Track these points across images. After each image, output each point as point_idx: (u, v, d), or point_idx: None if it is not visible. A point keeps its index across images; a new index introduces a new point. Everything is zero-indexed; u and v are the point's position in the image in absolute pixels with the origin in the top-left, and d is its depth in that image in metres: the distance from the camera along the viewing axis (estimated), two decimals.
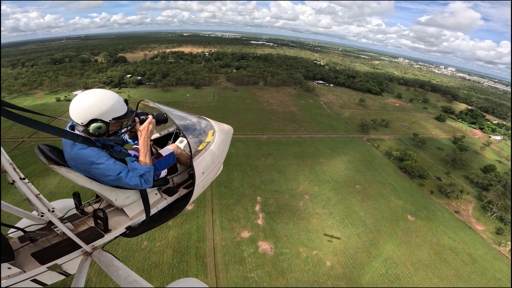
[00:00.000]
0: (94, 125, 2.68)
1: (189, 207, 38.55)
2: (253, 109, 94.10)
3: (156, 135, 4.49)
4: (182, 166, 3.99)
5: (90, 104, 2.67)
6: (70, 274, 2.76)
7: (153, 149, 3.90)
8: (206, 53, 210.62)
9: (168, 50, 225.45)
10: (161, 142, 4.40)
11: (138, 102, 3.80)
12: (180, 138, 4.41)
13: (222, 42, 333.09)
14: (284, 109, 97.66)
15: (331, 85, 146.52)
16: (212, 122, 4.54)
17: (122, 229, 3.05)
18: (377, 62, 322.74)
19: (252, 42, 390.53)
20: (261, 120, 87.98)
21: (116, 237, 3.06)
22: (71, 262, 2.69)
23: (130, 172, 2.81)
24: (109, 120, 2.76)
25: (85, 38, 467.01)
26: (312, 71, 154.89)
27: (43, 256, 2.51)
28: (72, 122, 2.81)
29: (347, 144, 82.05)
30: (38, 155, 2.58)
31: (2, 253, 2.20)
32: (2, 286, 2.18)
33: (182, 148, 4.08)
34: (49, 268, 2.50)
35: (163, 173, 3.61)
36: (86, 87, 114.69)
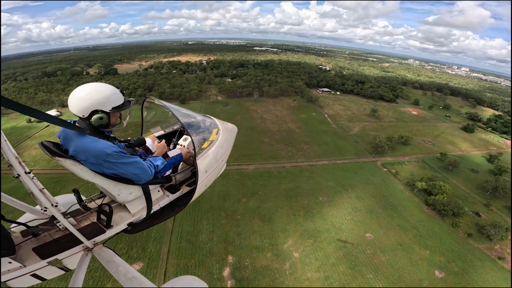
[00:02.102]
0: (96, 116, 2.75)
1: (136, 266, 37.14)
2: (242, 128, 79.05)
3: (160, 132, 4.66)
4: (185, 164, 4.01)
5: (88, 96, 2.71)
6: (70, 269, 2.73)
7: None
8: (203, 62, 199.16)
9: (164, 60, 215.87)
10: (166, 139, 4.39)
11: (143, 100, 4.09)
12: (184, 136, 4.49)
13: (224, 50, 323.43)
14: (280, 126, 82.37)
15: (338, 92, 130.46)
16: (217, 120, 4.55)
17: (124, 225, 3.04)
18: (387, 64, 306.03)
19: (255, 48, 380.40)
20: (249, 143, 72.96)
21: (118, 233, 3.05)
22: (72, 258, 2.68)
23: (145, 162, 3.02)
24: (109, 110, 2.82)
25: (93, 48, 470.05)
26: (316, 78, 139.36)
27: (44, 251, 2.52)
28: (71, 120, 2.87)
29: (356, 173, 66.02)
30: (43, 150, 2.59)
31: (3, 247, 2.22)
32: (2, 280, 2.21)
33: (186, 145, 4.23)
34: (50, 263, 2.50)
35: (168, 172, 3.69)
36: (63, 105, 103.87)
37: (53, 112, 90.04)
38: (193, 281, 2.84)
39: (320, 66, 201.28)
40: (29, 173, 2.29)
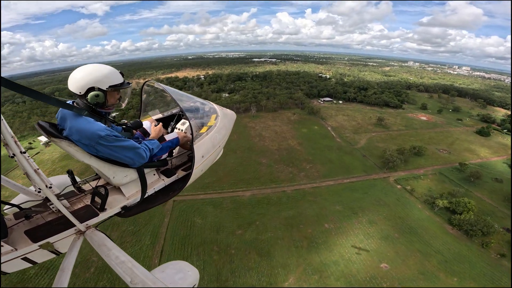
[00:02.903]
0: (92, 93, 2.71)
1: None
2: (238, 149, 73.44)
3: (159, 116, 4.63)
4: (182, 148, 3.99)
5: (86, 73, 2.71)
6: (61, 253, 2.69)
7: None
8: (201, 77, 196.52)
9: (162, 77, 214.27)
10: (164, 122, 4.39)
11: (143, 84, 4.13)
12: (183, 120, 4.45)
13: (222, 63, 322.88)
14: (279, 144, 76.36)
15: (340, 101, 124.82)
16: (216, 106, 4.48)
17: (117, 209, 2.99)
18: (387, 68, 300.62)
19: (254, 60, 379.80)
20: (246, 166, 67.04)
21: (111, 217, 3.00)
22: (63, 241, 2.62)
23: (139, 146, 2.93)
24: (106, 88, 2.78)
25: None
26: (316, 87, 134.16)
27: (36, 234, 2.48)
28: (70, 101, 2.88)
29: (366, 193, 59.43)
30: (39, 130, 2.56)
31: None
32: None
33: (184, 130, 4.19)
34: (41, 247, 2.46)
35: (164, 156, 3.63)
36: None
37: (42, 139, 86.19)
38: (184, 266, 2.80)
39: (320, 75, 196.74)
40: (24, 152, 2.30)
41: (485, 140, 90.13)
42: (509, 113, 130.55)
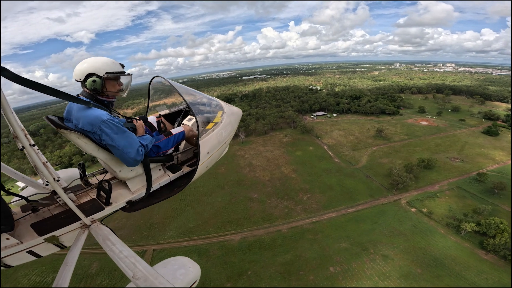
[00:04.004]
0: (89, 79, 2.83)
1: None
2: (226, 184, 65.29)
3: (165, 111, 4.65)
4: (188, 144, 4.04)
5: (87, 61, 2.87)
6: (66, 247, 2.69)
7: (162, 124, 4.17)
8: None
9: (150, 104, 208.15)
10: (171, 118, 4.55)
11: (151, 79, 4.13)
12: (189, 116, 4.49)
13: (212, 84, 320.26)
14: (272, 173, 68.26)
15: (334, 114, 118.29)
16: (222, 103, 4.49)
17: (122, 203, 3.02)
18: (376, 73, 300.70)
19: (244, 78, 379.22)
20: (235, 204, 58.76)
21: (116, 211, 3.03)
22: (69, 234, 2.63)
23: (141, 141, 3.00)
24: (103, 75, 2.87)
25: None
26: (308, 101, 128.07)
27: (42, 227, 2.50)
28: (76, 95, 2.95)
29: (376, 223, 51.37)
30: (48, 123, 2.66)
31: (2, 223, 2.21)
32: None
33: (190, 125, 4.18)
34: (46, 240, 2.47)
35: (170, 150, 3.63)
36: (35, 173, 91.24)
37: (20, 184, 77.39)
38: (186, 262, 2.86)
39: (311, 87, 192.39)
40: (33, 145, 2.40)
41: (495, 141, 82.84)
42: (510, 106, 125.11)
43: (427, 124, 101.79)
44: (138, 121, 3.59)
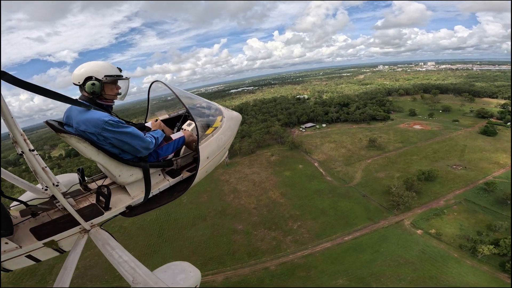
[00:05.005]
0: (88, 82, 2.84)
1: None
2: (208, 215, 58.12)
3: (165, 116, 4.66)
4: (188, 149, 4.04)
5: (84, 67, 2.89)
6: (65, 251, 2.68)
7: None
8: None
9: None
10: (170, 123, 4.51)
11: (151, 83, 4.13)
12: (189, 121, 4.43)
13: None
14: (258, 199, 61.19)
15: (324, 125, 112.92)
16: (222, 107, 4.48)
17: (122, 208, 3.02)
18: (361, 76, 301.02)
19: (232, 91, 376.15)
20: (218, 237, 51.71)
21: (115, 216, 3.02)
22: (68, 239, 2.63)
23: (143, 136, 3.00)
24: (102, 78, 2.88)
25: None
26: (295, 113, 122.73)
27: (41, 232, 2.50)
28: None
29: (378, 251, 45.24)
30: (48, 127, 2.64)
31: (1, 227, 2.21)
32: None
33: (190, 130, 4.15)
34: (45, 244, 2.47)
35: (170, 155, 3.65)
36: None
37: None
38: (187, 267, 2.80)
39: (298, 96, 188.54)
40: (32, 150, 2.34)
41: (495, 141, 78.00)
42: (502, 102, 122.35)
43: (420, 128, 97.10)
44: (156, 121, 3.80)
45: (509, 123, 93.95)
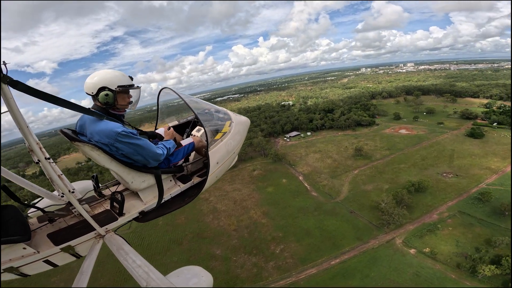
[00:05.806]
0: (102, 93, 2.83)
1: None
2: (185, 239, 52.29)
3: (174, 123, 4.72)
4: (198, 155, 4.03)
5: (98, 75, 2.88)
6: (81, 256, 2.74)
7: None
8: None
9: None
10: (180, 129, 4.53)
11: (160, 90, 4.18)
12: (198, 127, 4.43)
13: (183, 111, 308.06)
14: (239, 220, 55.70)
15: (308, 133, 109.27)
16: (230, 112, 4.48)
17: (135, 213, 3.06)
18: (345, 80, 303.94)
19: (217, 99, 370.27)
20: (194, 264, 44.78)
21: (129, 221, 3.06)
22: (84, 244, 2.69)
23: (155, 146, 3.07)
24: (115, 88, 2.88)
25: (55, 133, 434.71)
26: (279, 121, 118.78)
27: (58, 237, 2.55)
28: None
29: (368, 276, 41.07)
30: (63, 136, 2.70)
31: (19, 233, 2.28)
32: (14, 266, 2.27)
33: (199, 136, 4.15)
34: (62, 250, 2.52)
35: (180, 161, 3.66)
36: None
37: None
38: (199, 271, 2.81)
39: (283, 103, 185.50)
40: (48, 159, 2.37)
41: (484, 144, 75.95)
42: (485, 102, 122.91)
43: (406, 132, 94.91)
44: (169, 129, 3.82)
45: (495, 124, 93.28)
